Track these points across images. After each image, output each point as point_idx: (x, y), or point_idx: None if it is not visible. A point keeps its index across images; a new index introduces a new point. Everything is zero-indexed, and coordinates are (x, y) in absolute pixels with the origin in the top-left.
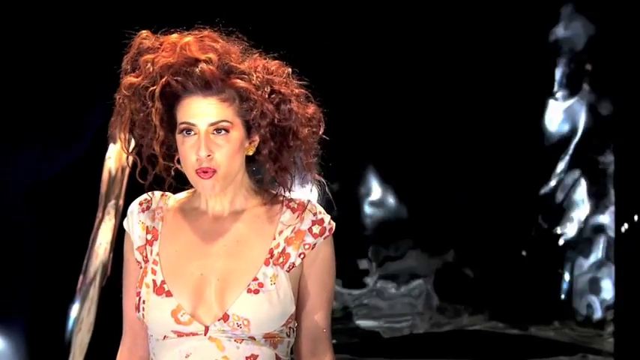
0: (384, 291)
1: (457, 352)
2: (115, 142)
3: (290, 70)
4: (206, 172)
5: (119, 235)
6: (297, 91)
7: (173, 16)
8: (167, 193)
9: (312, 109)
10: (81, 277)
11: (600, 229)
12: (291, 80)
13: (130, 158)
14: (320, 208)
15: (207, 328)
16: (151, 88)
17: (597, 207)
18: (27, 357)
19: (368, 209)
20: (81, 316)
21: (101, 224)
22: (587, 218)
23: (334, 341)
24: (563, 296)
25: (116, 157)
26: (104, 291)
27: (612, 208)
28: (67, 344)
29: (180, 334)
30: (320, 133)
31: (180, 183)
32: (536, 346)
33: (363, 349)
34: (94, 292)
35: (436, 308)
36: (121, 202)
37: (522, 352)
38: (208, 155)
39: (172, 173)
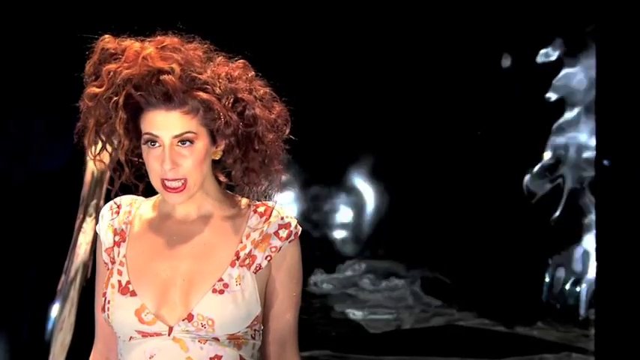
0: (369, 286)
1: (443, 349)
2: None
3: (253, 73)
4: (174, 187)
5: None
6: (262, 91)
7: (137, 17)
8: (137, 197)
9: (277, 109)
10: (62, 277)
11: (585, 230)
12: (256, 82)
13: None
14: (287, 212)
15: (171, 329)
16: (114, 99)
17: (581, 209)
18: (7, 357)
19: (354, 206)
20: (62, 316)
21: (82, 225)
22: (572, 219)
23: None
24: (548, 296)
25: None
26: (85, 291)
27: (595, 211)
28: (47, 344)
29: (144, 335)
30: (287, 132)
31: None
32: (521, 344)
33: (348, 344)
34: (74, 293)
35: (422, 305)
36: (102, 203)
37: (508, 350)
38: (173, 168)
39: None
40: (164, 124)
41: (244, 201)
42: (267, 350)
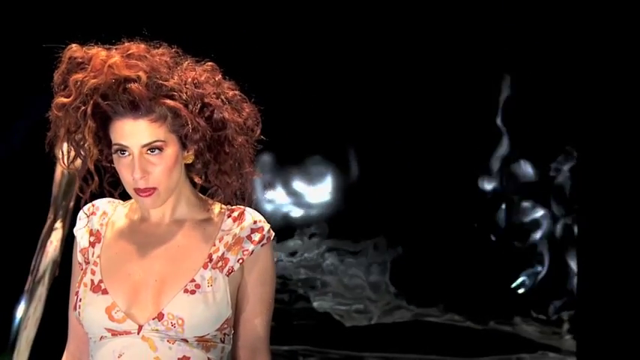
0: (340, 279)
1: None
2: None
3: (220, 75)
4: (145, 191)
5: (69, 236)
6: (230, 94)
7: (102, 24)
8: (114, 199)
9: (247, 110)
10: (29, 277)
11: (562, 225)
12: (224, 84)
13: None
14: (260, 217)
15: (140, 327)
16: (82, 108)
17: (559, 203)
18: None
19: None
20: (27, 315)
21: (53, 224)
22: (549, 214)
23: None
24: (524, 292)
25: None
26: (53, 290)
27: (574, 206)
28: (12, 344)
29: (114, 333)
30: (257, 133)
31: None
32: (496, 341)
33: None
34: (42, 291)
35: (393, 299)
36: (72, 204)
37: (483, 348)
38: (143, 176)
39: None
40: (132, 133)
41: (218, 205)
42: (238, 354)
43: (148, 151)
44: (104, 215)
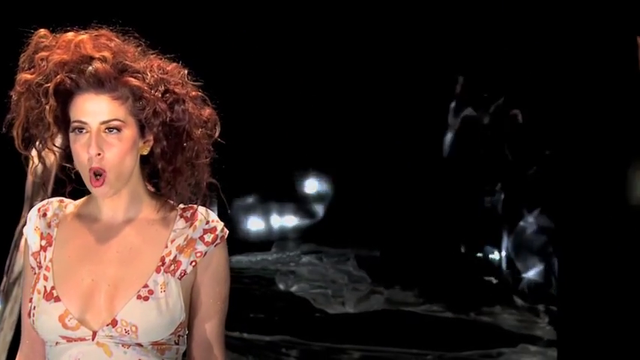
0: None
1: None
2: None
3: (186, 72)
4: (98, 178)
5: None
6: (193, 93)
7: (71, 15)
8: (65, 199)
9: (207, 111)
10: (4, 278)
11: (542, 215)
12: (188, 82)
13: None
14: (214, 216)
15: (94, 333)
16: (45, 85)
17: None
18: None
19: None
20: (3, 316)
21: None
22: (529, 205)
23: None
24: (503, 282)
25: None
26: None
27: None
28: None
29: (69, 340)
30: (215, 135)
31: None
32: (478, 333)
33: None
34: (18, 292)
35: (369, 289)
36: None
37: (465, 340)
38: (99, 154)
39: (73, 176)
40: (93, 109)
41: (171, 204)
42: (193, 354)
43: (106, 130)
44: (55, 216)
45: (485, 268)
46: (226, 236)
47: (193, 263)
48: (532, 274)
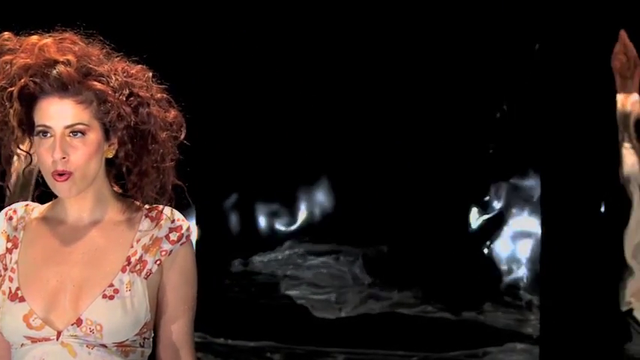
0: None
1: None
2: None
3: (151, 74)
4: (62, 174)
5: None
6: (158, 95)
7: (35, 18)
8: (31, 203)
9: (172, 114)
10: None
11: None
12: (152, 85)
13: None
14: (179, 215)
15: (59, 333)
16: (9, 89)
17: (528, 194)
18: None
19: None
20: None
21: None
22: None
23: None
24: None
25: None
26: None
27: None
28: None
29: (33, 340)
30: (181, 138)
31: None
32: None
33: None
34: None
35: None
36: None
37: (454, 340)
38: (63, 157)
39: (40, 180)
40: (57, 113)
41: (137, 205)
42: (161, 356)
43: (71, 134)
44: (21, 219)
45: (473, 268)
46: (191, 236)
47: (158, 262)
48: (519, 273)
